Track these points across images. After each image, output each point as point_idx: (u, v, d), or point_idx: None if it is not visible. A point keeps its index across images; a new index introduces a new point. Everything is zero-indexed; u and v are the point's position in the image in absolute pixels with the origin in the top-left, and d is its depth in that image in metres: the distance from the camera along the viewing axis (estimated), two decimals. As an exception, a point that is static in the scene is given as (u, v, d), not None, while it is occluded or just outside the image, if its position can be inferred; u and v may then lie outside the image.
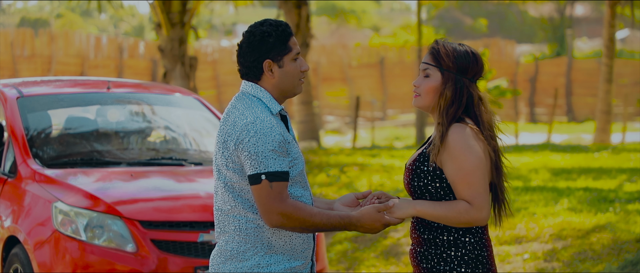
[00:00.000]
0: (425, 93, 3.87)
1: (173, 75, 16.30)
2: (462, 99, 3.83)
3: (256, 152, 3.71)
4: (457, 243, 3.81)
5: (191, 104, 8.04)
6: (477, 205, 3.76)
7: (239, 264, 3.82)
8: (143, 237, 6.33)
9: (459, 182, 3.76)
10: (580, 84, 33.54)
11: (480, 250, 3.82)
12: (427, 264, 3.84)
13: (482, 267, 3.82)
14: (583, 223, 9.10)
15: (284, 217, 3.71)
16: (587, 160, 15.73)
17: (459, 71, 3.85)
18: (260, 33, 3.84)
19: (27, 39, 29.38)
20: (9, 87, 7.54)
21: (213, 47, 33.58)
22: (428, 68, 3.87)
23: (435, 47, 3.89)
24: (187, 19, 16.38)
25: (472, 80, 3.87)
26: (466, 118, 3.84)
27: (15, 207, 6.68)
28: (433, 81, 3.86)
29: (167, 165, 7.25)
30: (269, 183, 3.70)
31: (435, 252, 3.83)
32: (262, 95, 3.85)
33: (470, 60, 3.86)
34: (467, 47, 3.90)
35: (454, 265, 3.80)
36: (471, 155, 3.75)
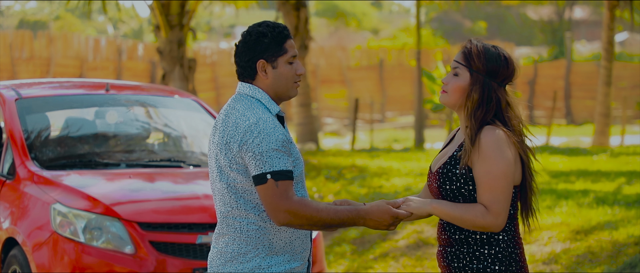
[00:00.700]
0: (452, 91, 3.85)
1: (172, 77, 16.29)
2: (491, 102, 3.81)
3: (260, 152, 3.72)
4: (491, 241, 3.80)
5: (190, 105, 8.03)
6: (494, 211, 3.75)
7: (240, 266, 3.82)
8: (141, 238, 6.32)
9: (483, 185, 3.75)
10: (579, 86, 33.55)
11: (513, 248, 3.82)
12: (459, 263, 3.83)
13: (515, 265, 3.81)
14: (582, 226, 9.09)
15: (292, 214, 3.71)
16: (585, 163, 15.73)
17: (488, 74, 3.83)
18: (257, 33, 3.86)
19: (26, 41, 29.37)
20: (8, 88, 7.54)
21: (212, 49, 33.58)
22: (458, 67, 3.85)
23: (468, 46, 3.86)
24: (186, 21, 16.38)
25: (500, 84, 3.85)
26: (496, 121, 3.82)
27: (14, 209, 6.68)
28: (461, 81, 3.84)
29: (166, 167, 7.24)
30: (275, 182, 3.70)
31: (468, 250, 3.82)
32: (260, 96, 3.86)
33: (501, 64, 3.84)
34: (500, 50, 3.87)
35: (488, 263, 3.79)
36: (502, 160, 3.74)
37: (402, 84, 33.60)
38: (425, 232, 9.89)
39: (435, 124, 29.97)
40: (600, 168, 14.53)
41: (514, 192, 3.84)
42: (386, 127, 31.39)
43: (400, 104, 33.83)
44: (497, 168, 3.73)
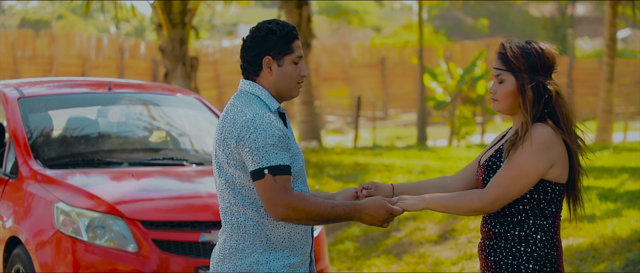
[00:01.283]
0: (503, 98, 3.86)
1: (174, 75, 16.30)
2: (543, 97, 3.82)
3: (257, 147, 3.73)
4: (528, 239, 3.81)
5: (192, 104, 8.04)
6: (492, 196, 3.77)
7: (238, 261, 3.83)
8: (144, 237, 6.33)
9: (505, 169, 3.77)
10: (582, 83, 33.54)
11: (550, 249, 3.83)
12: (495, 257, 3.85)
13: (551, 266, 3.82)
14: (585, 223, 9.09)
15: (290, 208, 3.72)
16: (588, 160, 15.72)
17: (532, 70, 3.83)
18: (266, 30, 3.87)
19: (28, 40, 29.39)
20: (10, 87, 7.54)
21: (214, 48, 33.58)
22: (500, 73, 3.86)
23: (503, 51, 3.88)
24: (188, 19, 16.38)
25: (547, 76, 3.85)
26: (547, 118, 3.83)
27: (17, 208, 6.68)
28: (508, 86, 3.85)
29: (169, 165, 7.25)
30: (273, 177, 3.71)
31: (505, 246, 3.83)
32: (260, 93, 3.87)
33: (540, 57, 3.84)
34: (533, 44, 3.88)
35: (523, 260, 3.80)
36: (537, 160, 3.76)
37: (405, 82, 33.59)
38: (427, 229, 9.90)
39: (437, 121, 29.97)
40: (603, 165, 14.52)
41: (560, 190, 3.84)
42: (388, 124, 31.39)
43: (403, 102, 33.82)
44: (528, 164, 3.75)
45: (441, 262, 8.89)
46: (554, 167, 3.80)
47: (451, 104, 23.88)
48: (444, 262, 8.86)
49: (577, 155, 3.88)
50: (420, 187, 4.14)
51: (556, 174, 3.81)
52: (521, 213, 3.82)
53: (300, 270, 3.89)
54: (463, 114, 23.40)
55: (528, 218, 3.82)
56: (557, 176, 3.82)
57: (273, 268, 3.82)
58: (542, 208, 3.82)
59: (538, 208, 3.82)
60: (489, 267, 3.87)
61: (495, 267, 3.85)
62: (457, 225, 9.80)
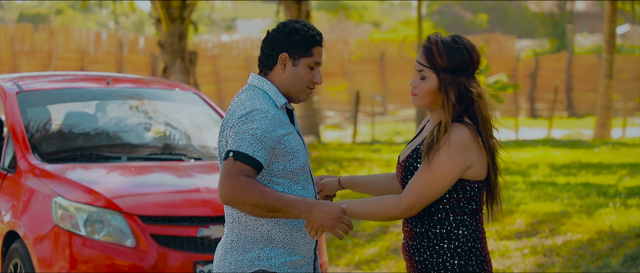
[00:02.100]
0: (423, 95, 3.80)
1: (173, 70, 16.30)
2: (465, 98, 3.77)
3: (237, 132, 3.72)
4: (451, 235, 3.79)
5: (191, 99, 8.03)
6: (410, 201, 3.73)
7: (239, 256, 3.82)
8: (143, 231, 6.32)
9: (419, 173, 3.73)
10: (581, 79, 33.53)
11: (473, 242, 3.80)
12: (420, 257, 3.82)
13: (475, 259, 3.80)
14: (583, 219, 9.10)
15: (233, 189, 3.64)
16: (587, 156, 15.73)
17: (455, 71, 3.77)
18: (291, 27, 3.87)
19: (27, 35, 29.37)
20: (9, 82, 7.54)
21: (213, 42, 33.56)
22: (423, 69, 3.79)
23: (428, 46, 3.79)
24: (187, 14, 16.37)
25: (469, 76, 3.79)
26: (465, 117, 3.79)
27: (15, 202, 6.68)
28: (430, 84, 3.78)
29: (167, 160, 7.24)
30: (234, 161, 3.67)
31: (428, 244, 3.80)
32: (268, 88, 3.86)
33: (465, 58, 3.76)
34: (461, 43, 3.79)
35: (447, 257, 3.78)
36: (450, 165, 3.71)
37: (404, 77, 33.57)
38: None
39: (436, 116, 29.93)
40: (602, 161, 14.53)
41: (479, 187, 3.81)
42: (387, 120, 31.39)
43: (402, 97, 33.81)
44: (444, 168, 3.71)
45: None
46: (471, 168, 3.76)
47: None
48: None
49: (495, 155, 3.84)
50: (369, 181, 4.11)
51: (474, 174, 3.78)
52: (441, 212, 3.79)
53: (302, 268, 3.88)
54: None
55: (448, 216, 3.79)
56: (475, 175, 3.78)
57: (274, 265, 3.81)
58: (462, 206, 3.79)
59: (458, 206, 3.79)
60: (415, 268, 3.84)
61: (421, 267, 3.82)
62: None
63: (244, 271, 3.81)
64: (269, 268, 3.80)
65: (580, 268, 8.00)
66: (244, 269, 3.81)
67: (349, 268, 9.25)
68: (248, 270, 3.81)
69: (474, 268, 3.79)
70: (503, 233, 9.15)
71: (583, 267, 8.01)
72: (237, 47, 33.12)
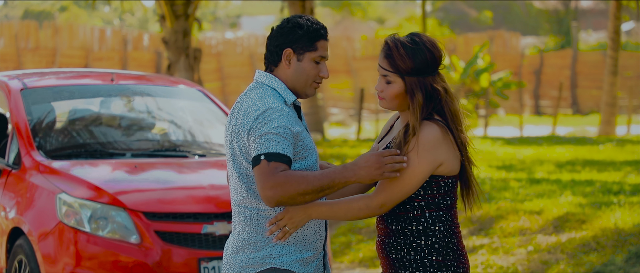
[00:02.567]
0: (391, 99, 3.80)
1: (177, 67, 16.30)
2: (432, 96, 3.77)
3: (261, 134, 3.70)
4: (427, 232, 3.79)
5: (195, 95, 8.03)
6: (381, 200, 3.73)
7: (251, 254, 3.82)
8: (147, 228, 6.33)
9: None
10: (585, 76, 33.49)
11: (450, 238, 3.81)
12: (397, 255, 3.82)
13: (453, 254, 3.81)
14: (587, 215, 9.09)
15: (277, 187, 3.63)
16: (591, 153, 15.72)
17: (419, 72, 3.77)
18: (294, 23, 3.86)
19: (32, 31, 29.39)
20: (13, 78, 7.54)
21: (217, 39, 33.56)
22: (387, 74, 3.79)
23: (389, 52, 3.79)
24: (191, 10, 16.37)
25: (434, 74, 3.79)
26: (434, 114, 3.80)
27: (20, 199, 6.69)
28: (396, 88, 3.78)
29: (171, 157, 7.24)
30: (268, 162, 3.66)
31: (405, 241, 3.81)
32: (276, 85, 3.85)
33: (427, 57, 3.76)
34: (420, 43, 3.78)
35: (425, 254, 3.79)
36: (419, 164, 3.72)
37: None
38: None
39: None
40: (606, 158, 14.52)
41: (453, 182, 3.81)
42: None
43: (406, 94, 33.75)
44: (413, 167, 3.71)
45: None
46: (443, 165, 3.76)
47: (454, 97, 23.86)
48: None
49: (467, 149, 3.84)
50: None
51: (447, 170, 3.78)
52: (416, 209, 3.79)
53: (313, 265, 3.88)
54: (465, 107, 23.39)
55: (424, 212, 3.79)
56: (448, 171, 3.78)
57: (285, 262, 3.81)
58: (438, 202, 3.80)
59: (433, 202, 3.79)
60: (392, 266, 3.84)
61: (398, 264, 3.82)
62: (460, 217, 9.80)
63: (255, 269, 3.82)
64: (281, 266, 3.81)
65: (585, 265, 8.00)
66: (255, 267, 3.82)
67: (353, 265, 9.25)
68: (259, 268, 3.81)
69: (451, 263, 3.80)
70: (507, 231, 9.15)
71: (587, 265, 8.00)
72: (241, 44, 33.12)
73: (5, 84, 7.45)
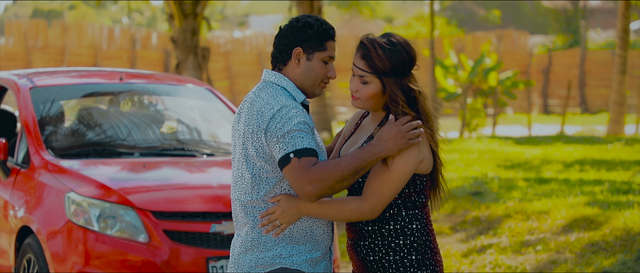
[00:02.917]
0: (367, 99, 3.82)
1: (186, 66, 16.32)
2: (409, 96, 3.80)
3: (283, 134, 3.71)
4: (405, 231, 3.79)
5: (203, 95, 8.04)
6: (371, 203, 3.74)
7: (260, 254, 3.83)
8: (155, 227, 6.33)
9: (377, 174, 3.74)
10: (594, 75, 33.42)
11: (427, 236, 3.82)
12: (374, 257, 3.81)
13: (430, 252, 3.82)
14: (596, 215, 9.07)
15: (315, 181, 3.65)
16: (600, 152, 15.69)
17: (397, 73, 3.79)
18: (304, 22, 3.88)
19: (41, 30, 29.44)
20: (22, 77, 7.56)
21: (225, 38, 33.58)
22: (364, 75, 3.80)
23: (367, 53, 3.80)
24: (200, 10, 16.39)
25: (409, 75, 3.82)
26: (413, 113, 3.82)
27: (28, 198, 6.70)
28: (373, 88, 3.80)
29: (180, 156, 7.25)
30: (299, 159, 3.67)
31: (382, 243, 3.80)
32: (285, 84, 3.86)
33: (405, 59, 3.79)
34: (397, 44, 3.80)
35: (404, 254, 3.79)
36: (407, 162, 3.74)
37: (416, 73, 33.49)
38: (439, 221, 9.89)
39: (448, 112, 29.94)
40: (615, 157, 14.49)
41: (424, 181, 3.83)
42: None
43: (414, 93, 33.75)
44: (402, 166, 3.73)
45: (452, 254, 8.88)
46: (423, 162, 3.79)
47: (462, 96, 23.84)
48: (454, 254, 8.86)
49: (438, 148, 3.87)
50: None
51: (425, 167, 3.81)
52: (393, 207, 3.80)
53: (322, 265, 3.89)
54: (474, 106, 23.35)
55: (400, 211, 3.80)
56: (425, 168, 3.81)
57: (295, 262, 3.82)
58: (413, 200, 3.81)
59: (409, 200, 3.81)
60: (369, 268, 3.83)
61: (376, 266, 3.81)
62: (468, 217, 9.80)
63: (264, 269, 3.82)
64: (291, 266, 3.81)
65: (594, 265, 7.98)
66: (265, 267, 3.82)
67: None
68: (269, 267, 3.82)
69: (430, 261, 3.81)
70: (516, 230, 9.14)
71: (596, 264, 7.98)
72: (249, 43, 33.13)
73: (15, 83, 7.46)
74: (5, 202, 6.92)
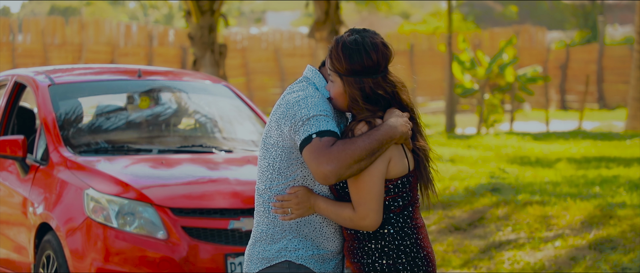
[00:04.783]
0: (335, 98, 3.83)
1: (203, 62, 16.34)
2: (371, 98, 3.76)
3: (307, 117, 3.71)
4: (376, 235, 3.78)
5: (221, 91, 8.05)
6: (360, 213, 3.73)
7: (267, 246, 3.84)
8: (174, 224, 6.35)
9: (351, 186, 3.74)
10: (612, 70, 33.29)
11: (401, 240, 3.78)
12: (354, 258, 3.83)
13: (405, 256, 3.77)
14: (614, 211, 9.04)
15: (335, 160, 3.63)
16: (618, 148, 15.63)
17: (356, 73, 3.76)
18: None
19: (58, 27, 29.54)
20: (41, 74, 7.58)
21: (242, 35, 33.60)
22: (330, 74, 3.83)
23: (330, 51, 3.82)
24: (217, 6, 16.40)
25: (375, 76, 3.77)
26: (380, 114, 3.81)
27: (47, 194, 6.72)
28: (337, 86, 3.80)
29: (198, 153, 7.26)
30: (319, 138, 3.67)
31: (359, 245, 3.81)
32: (318, 81, 3.89)
33: (363, 59, 3.75)
34: (361, 43, 3.77)
35: (376, 257, 3.78)
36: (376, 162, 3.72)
37: (433, 69, 33.48)
38: (456, 217, 9.88)
39: (466, 109, 29.88)
40: (634, 153, 14.43)
41: (403, 183, 3.79)
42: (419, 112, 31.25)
43: (431, 89, 33.73)
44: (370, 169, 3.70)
45: (469, 249, 8.87)
46: (391, 162, 3.74)
47: (479, 92, 23.79)
48: (472, 249, 8.84)
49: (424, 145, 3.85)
50: None
51: (394, 173, 3.76)
52: None
53: (331, 263, 3.88)
54: (491, 102, 23.29)
55: None
56: (395, 174, 3.77)
57: (301, 256, 3.82)
58: (387, 204, 3.78)
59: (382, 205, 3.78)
60: (356, 269, 3.85)
61: (359, 269, 3.83)
62: (486, 213, 9.78)
63: (270, 262, 3.83)
64: (296, 260, 3.81)
65: (612, 262, 7.96)
66: (270, 259, 3.83)
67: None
68: (275, 260, 3.82)
69: (404, 267, 3.77)
70: (534, 227, 9.12)
71: (615, 260, 7.96)
72: (266, 40, 33.15)
73: (33, 80, 7.49)
74: (25, 198, 6.95)
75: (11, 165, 7.24)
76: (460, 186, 10.80)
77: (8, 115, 7.67)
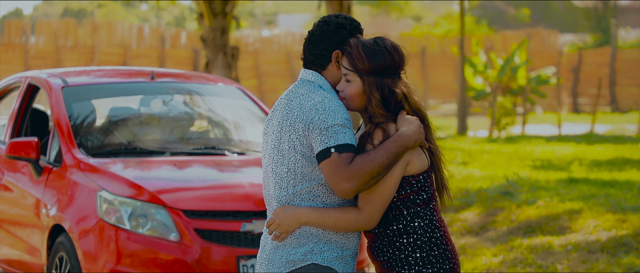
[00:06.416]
0: (351, 98, 3.87)
1: (215, 65, 16.36)
2: (391, 99, 3.84)
3: (326, 127, 3.75)
4: (408, 229, 3.83)
5: (233, 93, 8.05)
6: (366, 213, 3.79)
7: (292, 250, 3.86)
8: (186, 226, 6.35)
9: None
10: (624, 73, 33.20)
11: (432, 232, 3.85)
12: (384, 257, 3.87)
13: (437, 248, 3.85)
14: (627, 215, 9.02)
15: (354, 178, 3.69)
16: (631, 151, 15.59)
17: (377, 73, 3.84)
18: (335, 23, 3.92)
19: (71, 29, 29.62)
20: (54, 76, 7.60)
21: (254, 37, 33.63)
22: (347, 73, 3.87)
23: (349, 50, 3.87)
24: (229, 8, 16.42)
25: (394, 77, 3.86)
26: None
27: (61, 196, 6.74)
28: (355, 87, 3.85)
29: (210, 155, 7.27)
30: (339, 154, 3.71)
31: (389, 243, 3.85)
32: (322, 83, 3.90)
33: (386, 59, 3.84)
34: (382, 45, 3.87)
35: (409, 252, 3.83)
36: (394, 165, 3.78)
37: (445, 72, 33.44)
38: (468, 220, 9.86)
39: (477, 111, 29.84)
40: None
41: (424, 177, 3.86)
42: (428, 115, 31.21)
43: (443, 92, 33.69)
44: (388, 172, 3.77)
45: (482, 252, 8.86)
46: (410, 164, 3.82)
47: (491, 95, 23.76)
48: (485, 253, 8.83)
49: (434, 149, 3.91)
50: None
51: (415, 169, 3.83)
52: (394, 209, 3.84)
53: (351, 263, 3.92)
54: (503, 105, 23.26)
55: (402, 211, 3.84)
56: (416, 170, 3.84)
57: (326, 259, 3.84)
58: (413, 199, 3.84)
59: (408, 200, 3.84)
60: (382, 268, 3.89)
61: (387, 266, 3.86)
62: (498, 217, 9.76)
63: (296, 265, 3.84)
64: (322, 262, 3.84)
65: (625, 265, 7.94)
66: (296, 263, 3.85)
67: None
68: (301, 263, 3.85)
69: (436, 259, 3.83)
70: (547, 230, 9.10)
71: (628, 264, 7.94)
72: (278, 42, 33.17)
73: (47, 82, 7.51)
74: (38, 200, 6.96)
75: (24, 166, 7.26)
76: (472, 189, 10.79)
77: (22, 117, 7.69)
